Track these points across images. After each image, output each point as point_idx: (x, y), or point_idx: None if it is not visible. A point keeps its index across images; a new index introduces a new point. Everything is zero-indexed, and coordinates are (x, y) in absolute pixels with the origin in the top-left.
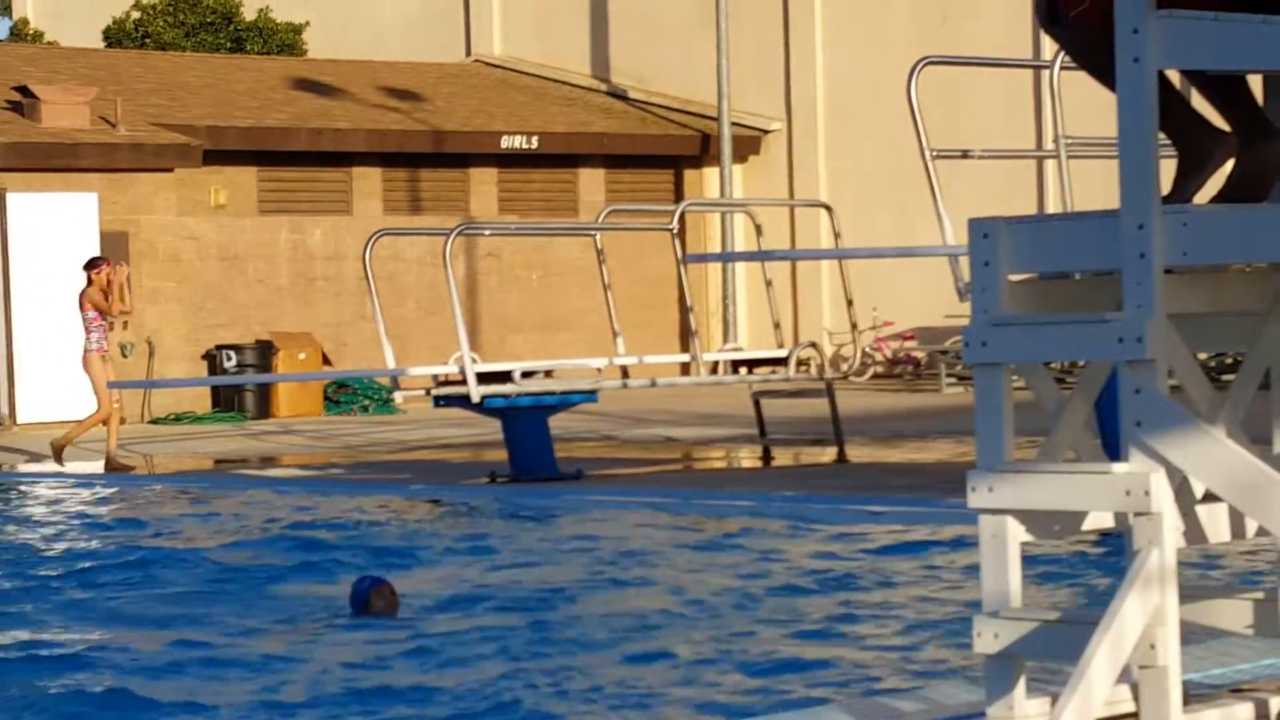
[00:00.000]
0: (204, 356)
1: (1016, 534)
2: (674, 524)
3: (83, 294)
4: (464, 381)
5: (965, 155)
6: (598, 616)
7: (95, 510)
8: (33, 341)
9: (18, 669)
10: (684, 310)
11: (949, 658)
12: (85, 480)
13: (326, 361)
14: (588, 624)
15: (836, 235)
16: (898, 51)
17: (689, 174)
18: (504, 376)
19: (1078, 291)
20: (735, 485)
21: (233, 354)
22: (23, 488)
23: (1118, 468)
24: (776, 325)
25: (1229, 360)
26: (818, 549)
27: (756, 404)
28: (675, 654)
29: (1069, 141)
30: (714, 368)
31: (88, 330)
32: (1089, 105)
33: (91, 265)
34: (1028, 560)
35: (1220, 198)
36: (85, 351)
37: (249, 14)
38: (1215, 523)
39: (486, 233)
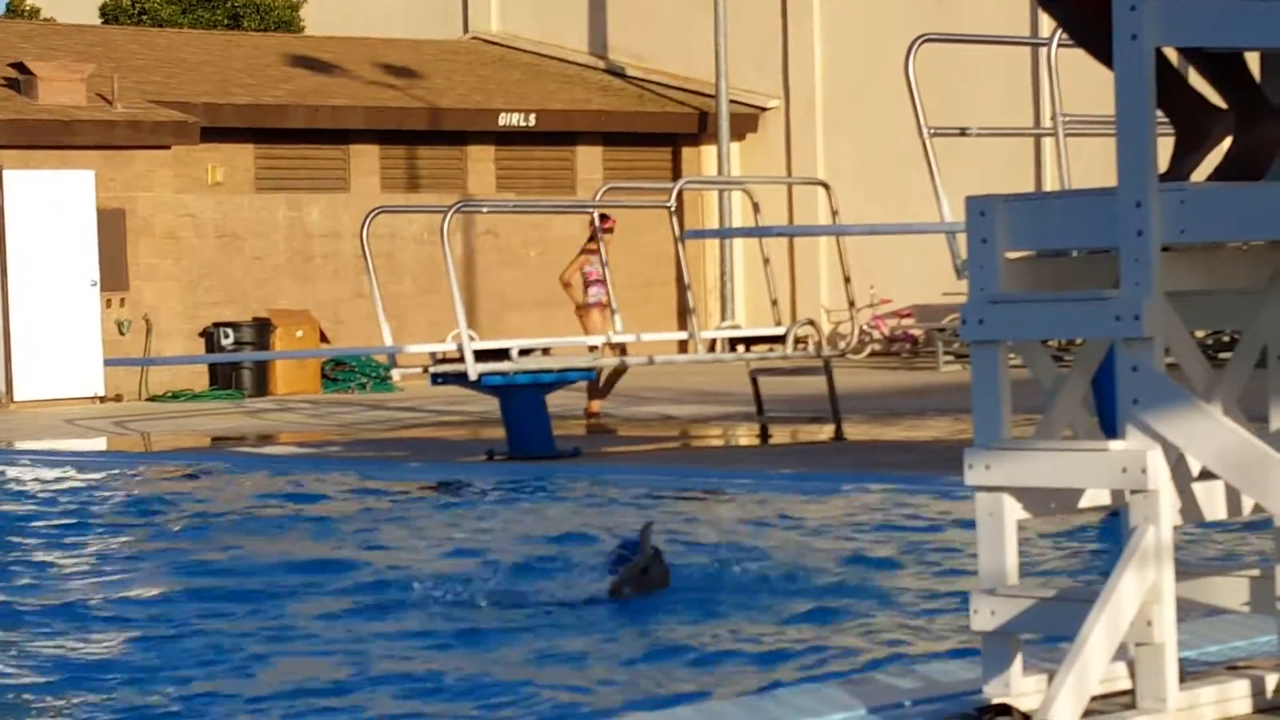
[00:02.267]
0: (201, 334)
1: (1013, 511)
2: (667, 499)
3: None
4: (462, 359)
5: (963, 133)
6: (583, 593)
7: (87, 490)
8: (29, 319)
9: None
10: (681, 288)
11: (946, 635)
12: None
13: (324, 339)
14: (573, 601)
15: (834, 213)
16: (896, 29)
17: (687, 151)
18: (502, 354)
19: (1075, 269)
20: (733, 463)
21: (230, 331)
22: (22, 466)
23: (1114, 445)
24: (774, 303)
25: (1226, 338)
26: (814, 527)
27: (754, 382)
28: (672, 632)
29: (1067, 119)
30: (711, 345)
31: (586, 284)
32: (1087, 83)
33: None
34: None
35: (1217, 175)
36: (584, 304)
37: None
38: (1212, 500)
39: (484, 210)
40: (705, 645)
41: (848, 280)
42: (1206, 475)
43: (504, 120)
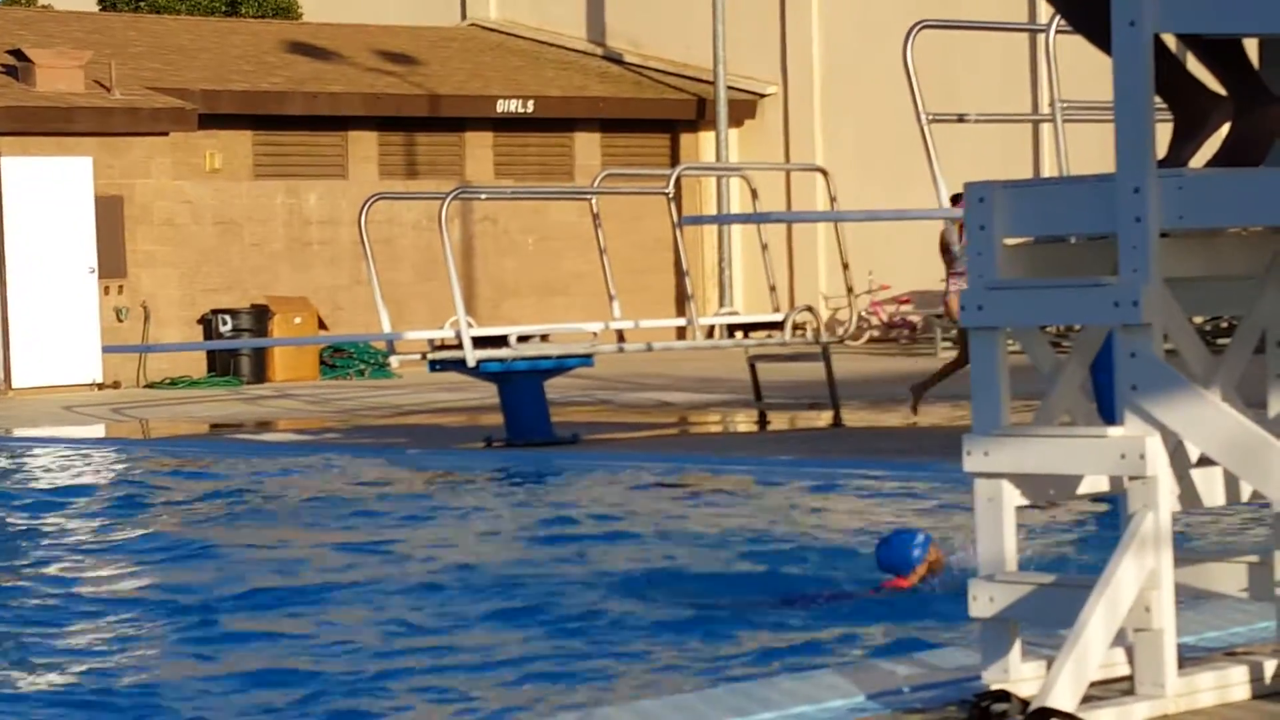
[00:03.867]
0: (199, 321)
1: (1012, 498)
2: (667, 486)
3: (943, 232)
4: (460, 346)
5: (961, 119)
6: (584, 580)
7: (90, 478)
8: (27, 306)
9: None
10: (680, 274)
11: (943, 621)
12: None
13: (322, 326)
14: (575, 588)
15: (832, 199)
16: (894, 15)
17: (685, 138)
18: (500, 341)
19: (1073, 255)
20: (731, 449)
21: (228, 318)
22: (27, 452)
23: (1113, 431)
24: (772, 289)
25: (1224, 324)
26: (813, 513)
27: (752, 368)
28: (671, 617)
29: (1065, 105)
30: (710, 332)
31: (950, 273)
32: (1085, 69)
33: (954, 201)
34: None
35: (1216, 162)
36: (945, 294)
37: None
38: (1210, 486)
39: (483, 197)
40: (699, 632)
41: (846, 266)
42: (1205, 461)
43: (502, 107)
